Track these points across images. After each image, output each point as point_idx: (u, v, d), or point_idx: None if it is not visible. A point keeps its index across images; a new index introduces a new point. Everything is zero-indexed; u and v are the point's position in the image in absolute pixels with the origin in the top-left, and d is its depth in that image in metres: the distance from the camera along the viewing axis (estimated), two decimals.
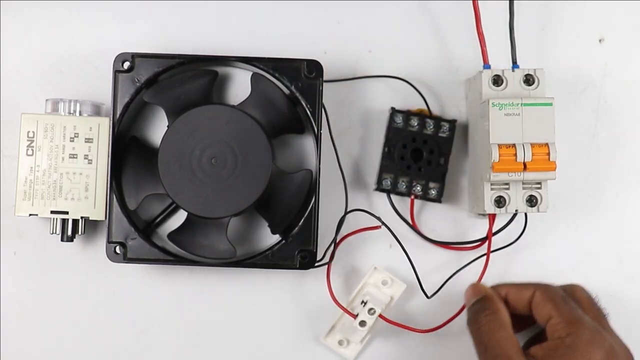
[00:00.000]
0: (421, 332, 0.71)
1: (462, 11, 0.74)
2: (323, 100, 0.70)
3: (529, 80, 0.69)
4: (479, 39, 0.70)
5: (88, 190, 0.70)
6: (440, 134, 0.72)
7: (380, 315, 0.70)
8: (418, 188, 0.71)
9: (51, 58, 0.74)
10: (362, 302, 0.70)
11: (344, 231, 0.71)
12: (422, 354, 0.74)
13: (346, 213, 0.71)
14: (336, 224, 0.71)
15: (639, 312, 0.75)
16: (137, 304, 0.73)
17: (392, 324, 0.70)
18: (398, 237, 0.71)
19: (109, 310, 0.73)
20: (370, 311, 0.69)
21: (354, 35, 0.75)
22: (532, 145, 0.66)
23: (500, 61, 0.71)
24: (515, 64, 0.70)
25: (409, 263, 0.71)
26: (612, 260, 0.74)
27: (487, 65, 0.70)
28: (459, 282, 0.72)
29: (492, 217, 0.70)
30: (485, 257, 0.71)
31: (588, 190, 0.75)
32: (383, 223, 0.71)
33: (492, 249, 0.71)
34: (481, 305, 0.67)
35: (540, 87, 0.69)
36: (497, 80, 0.69)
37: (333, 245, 0.71)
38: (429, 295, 0.71)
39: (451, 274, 0.72)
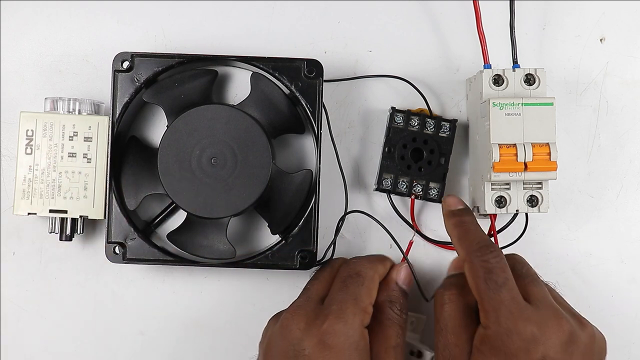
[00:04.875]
0: None
1: (462, 11, 0.73)
2: (323, 100, 0.69)
3: (529, 79, 0.69)
4: (480, 39, 0.70)
5: (87, 189, 0.70)
6: (441, 134, 0.72)
7: None
8: (418, 188, 0.71)
9: (50, 57, 0.74)
10: (412, 352, 0.69)
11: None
12: None
13: (346, 214, 0.71)
14: (336, 224, 0.70)
15: None
16: (137, 304, 0.73)
17: None
18: (399, 237, 0.71)
19: (108, 311, 0.73)
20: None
21: (354, 35, 0.75)
22: (533, 145, 0.66)
23: (501, 61, 0.72)
24: (515, 64, 0.69)
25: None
26: (613, 260, 0.74)
27: (487, 65, 0.70)
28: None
29: (493, 217, 0.70)
30: None
31: (589, 191, 0.75)
32: (382, 225, 0.70)
33: None
34: (451, 282, 0.65)
35: (541, 87, 0.69)
36: (498, 80, 0.69)
37: (333, 246, 0.71)
38: (428, 298, 0.71)
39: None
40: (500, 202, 0.68)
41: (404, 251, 0.70)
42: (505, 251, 0.69)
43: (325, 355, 0.60)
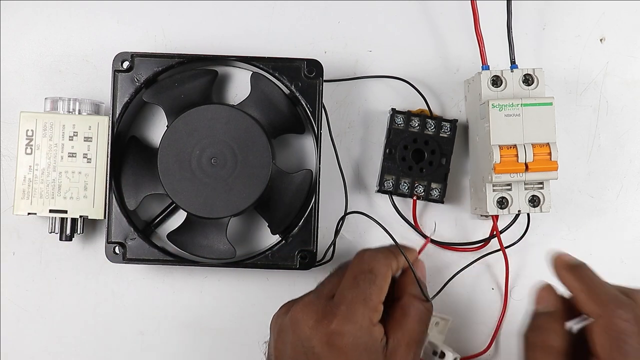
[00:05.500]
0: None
1: (462, 11, 0.73)
2: (323, 100, 0.69)
3: (528, 80, 0.69)
4: (477, 40, 0.70)
5: (87, 189, 0.70)
6: (442, 134, 0.72)
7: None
8: (420, 189, 0.71)
9: (50, 57, 0.74)
10: (435, 352, 0.69)
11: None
12: None
13: (345, 214, 0.70)
14: (336, 224, 0.70)
15: None
16: (137, 305, 0.73)
17: None
18: (399, 237, 0.71)
19: (108, 311, 0.73)
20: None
21: (354, 35, 0.75)
22: (534, 145, 0.66)
23: (501, 61, 0.72)
24: (513, 64, 0.69)
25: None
26: (613, 260, 0.74)
27: (485, 66, 0.70)
28: (459, 284, 0.72)
29: (495, 217, 0.70)
30: (480, 258, 0.72)
31: (589, 191, 0.75)
32: (381, 225, 0.70)
33: (493, 249, 0.71)
34: (536, 323, 0.61)
35: (539, 87, 0.69)
36: (497, 81, 0.69)
37: (333, 246, 0.70)
38: (428, 298, 0.71)
39: (453, 275, 0.71)
40: (502, 203, 0.68)
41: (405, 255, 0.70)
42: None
43: (334, 355, 0.60)
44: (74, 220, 0.70)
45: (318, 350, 0.60)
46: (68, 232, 0.70)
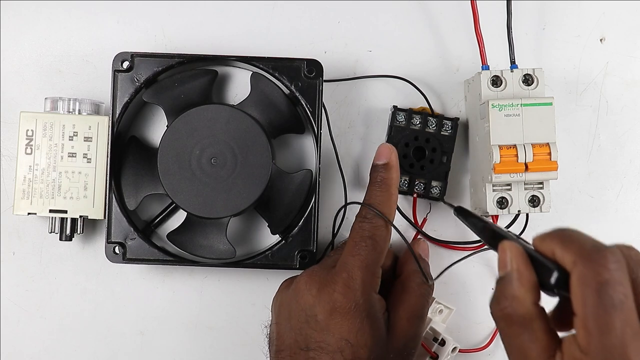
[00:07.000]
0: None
1: (462, 11, 0.73)
2: (323, 100, 0.69)
3: (527, 80, 0.69)
4: (477, 40, 0.70)
5: (87, 189, 0.70)
6: (443, 132, 0.72)
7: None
8: (421, 186, 0.71)
9: (50, 57, 0.74)
10: (435, 339, 0.70)
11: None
12: None
13: (346, 205, 0.70)
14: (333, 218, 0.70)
15: None
16: (137, 304, 0.73)
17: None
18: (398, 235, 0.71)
19: (108, 311, 0.73)
20: (454, 350, 0.70)
21: (354, 35, 0.75)
22: (533, 145, 0.66)
23: (500, 61, 0.72)
24: (513, 64, 0.69)
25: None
26: None
27: (485, 66, 0.70)
28: (460, 283, 0.72)
29: (495, 217, 0.70)
30: (481, 251, 0.71)
31: (589, 191, 0.75)
32: (381, 216, 0.69)
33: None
34: (508, 292, 0.52)
35: (539, 87, 0.69)
36: (496, 81, 0.69)
37: (332, 245, 0.70)
38: (431, 277, 0.70)
39: (453, 262, 0.71)
40: (502, 203, 0.68)
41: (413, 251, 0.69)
42: None
43: (337, 322, 0.61)
44: (74, 220, 0.70)
45: (321, 318, 0.61)
46: (68, 232, 0.70)
